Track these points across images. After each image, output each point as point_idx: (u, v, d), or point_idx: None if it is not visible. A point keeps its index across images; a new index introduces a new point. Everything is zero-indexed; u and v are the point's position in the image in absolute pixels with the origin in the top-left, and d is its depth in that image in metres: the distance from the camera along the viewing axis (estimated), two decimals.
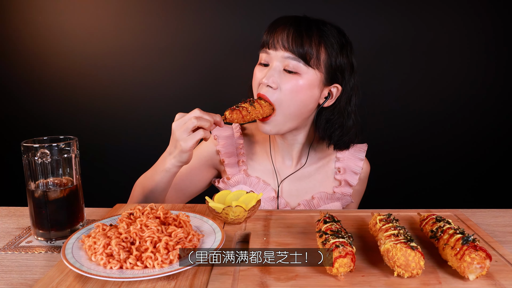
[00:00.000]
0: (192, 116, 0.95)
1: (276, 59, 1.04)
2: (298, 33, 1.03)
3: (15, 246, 0.82)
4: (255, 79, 1.09)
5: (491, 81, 2.11)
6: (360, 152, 1.22)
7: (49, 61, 2.17)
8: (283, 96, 1.04)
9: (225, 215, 0.87)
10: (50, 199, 0.82)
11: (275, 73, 1.04)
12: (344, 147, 1.17)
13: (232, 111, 1.01)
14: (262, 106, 1.03)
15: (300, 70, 1.03)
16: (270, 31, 1.06)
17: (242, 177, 1.17)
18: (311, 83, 1.04)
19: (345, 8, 2.04)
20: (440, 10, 2.04)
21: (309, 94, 1.05)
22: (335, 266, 0.65)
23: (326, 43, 1.04)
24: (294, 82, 1.03)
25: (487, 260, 0.65)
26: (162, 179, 1.04)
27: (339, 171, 1.20)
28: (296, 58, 1.02)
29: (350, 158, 1.22)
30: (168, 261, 0.68)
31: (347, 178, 1.19)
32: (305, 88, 1.04)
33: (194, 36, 2.12)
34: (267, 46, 1.06)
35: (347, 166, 1.21)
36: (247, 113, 1.01)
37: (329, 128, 1.13)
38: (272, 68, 1.04)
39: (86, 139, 1.84)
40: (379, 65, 2.09)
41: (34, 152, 0.81)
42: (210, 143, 1.24)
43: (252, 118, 1.03)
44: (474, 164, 2.19)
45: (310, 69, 1.03)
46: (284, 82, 1.03)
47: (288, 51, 1.02)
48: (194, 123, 0.94)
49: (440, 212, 0.95)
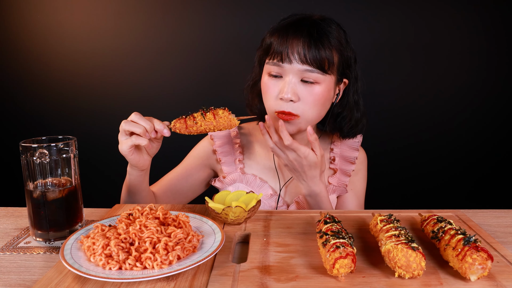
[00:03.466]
0: (123, 120, 0.93)
1: (291, 72, 1.02)
2: (313, 43, 1.00)
3: (13, 247, 0.82)
4: (270, 93, 1.06)
5: (493, 81, 2.10)
6: (355, 142, 1.24)
7: (48, 60, 2.17)
8: (306, 106, 1.03)
9: (225, 215, 0.87)
10: (49, 200, 0.82)
11: (293, 86, 1.02)
12: (352, 137, 1.20)
13: (178, 120, 0.93)
14: (218, 118, 0.93)
15: (318, 79, 1.03)
16: (280, 41, 1.02)
17: (238, 175, 1.18)
18: (329, 88, 1.05)
19: (344, 7, 2.04)
20: (441, 9, 2.04)
21: (327, 98, 1.07)
22: (336, 267, 0.65)
23: (336, 45, 1.04)
24: (314, 91, 1.03)
25: (488, 261, 0.65)
26: (130, 181, 1.06)
27: (333, 160, 1.21)
28: (314, 69, 1.01)
29: (345, 149, 1.24)
30: (167, 262, 0.68)
31: (342, 167, 1.20)
32: (324, 95, 1.04)
33: (194, 35, 2.11)
34: (280, 59, 1.02)
35: (341, 155, 1.22)
36: (193, 123, 0.92)
37: (340, 121, 1.16)
38: (289, 82, 1.02)
39: (85, 139, 1.83)
40: (379, 64, 2.09)
41: (32, 152, 0.81)
42: (206, 143, 1.24)
43: (200, 130, 0.93)
44: (475, 164, 2.19)
45: (327, 76, 1.03)
46: (305, 93, 1.03)
47: (305, 64, 1.01)
48: (123, 126, 0.93)
49: (441, 213, 0.94)
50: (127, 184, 1.08)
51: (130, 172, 1.04)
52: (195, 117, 0.92)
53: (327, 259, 0.67)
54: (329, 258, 0.66)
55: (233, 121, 0.94)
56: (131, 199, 1.10)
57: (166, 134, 0.93)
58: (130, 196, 1.09)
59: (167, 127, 0.94)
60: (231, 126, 0.94)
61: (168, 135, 0.94)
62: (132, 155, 0.96)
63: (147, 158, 1.01)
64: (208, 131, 0.94)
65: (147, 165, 1.03)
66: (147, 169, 1.06)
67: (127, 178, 1.06)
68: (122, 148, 0.95)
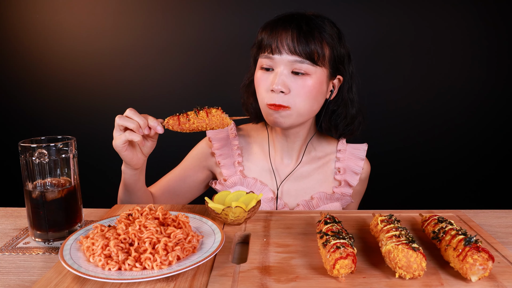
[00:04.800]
0: (118, 115, 0.94)
1: (281, 63, 1.03)
2: (302, 34, 1.02)
3: (12, 247, 0.81)
4: (261, 86, 1.07)
5: (494, 81, 2.10)
6: (360, 151, 1.22)
7: (47, 60, 2.17)
8: (296, 97, 1.03)
9: (225, 215, 0.86)
10: (48, 200, 0.82)
11: (284, 78, 1.03)
12: (349, 135, 1.20)
13: (171, 117, 0.94)
14: (211, 116, 0.94)
15: (309, 71, 1.03)
16: (270, 34, 1.04)
17: (239, 178, 1.17)
18: (320, 81, 1.05)
19: (343, 5, 2.04)
20: (441, 8, 2.04)
21: (319, 91, 1.06)
22: (336, 267, 0.65)
23: (327, 38, 1.05)
24: (305, 83, 1.03)
25: (489, 261, 0.64)
26: (125, 180, 1.06)
27: (339, 171, 1.20)
28: (304, 60, 1.02)
29: (351, 158, 1.21)
30: (167, 263, 0.68)
31: (347, 179, 1.19)
32: (316, 87, 1.05)
33: (193, 35, 2.11)
34: (270, 51, 1.04)
35: (347, 166, 1.20)
36: (186, 120, 0.93)
37: (334, 119, 1.16)
38: (280, 73, 1.03)
39: (84, 139, 1.82)
40: (379, 64, 2.09)
41: (31, 152, 0.80)
42: (204, 145, 1.24)
43: (193, 128, 0.94)
44: (476, 165, 2.19)
45: (318, 68, 1.04)
46: (295, 85, 1.03)
47: (295, 55, 1.01)
48: (117, 121, 0.93)
49: (442, 213, 0.94)
50: (122, 183, 1.08)
51: (124, 170, 1.04)
52: (188, 115, 0.93)
53: (327, 259, 0.66)
54: (330, 259, 0.66)
55: (225, 120, 0.95)
56: (128, 199, 1.10)
57: (159, 131, 0.94)
58: (126, 196, 1.09)
59: (161, 124, 0.94)
60: (224, 125, 0.95)
61: (161, 132, 0.94)
62: (126, 151, 0.97)
63: (140, 157, 1.01)
64: (201, 129, 0.94)
65: (141, 164, 1.02)
66: (142, 169, 1.06)
67: (122, 177, 1.06)
68: (116, 143, 0.95)
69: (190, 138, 1.24)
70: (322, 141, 1.24)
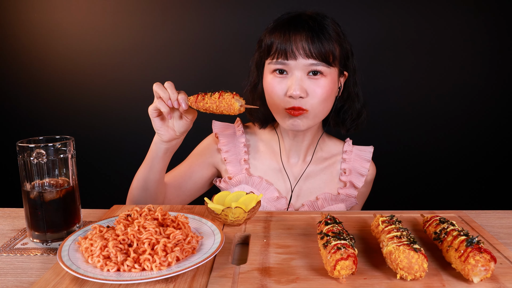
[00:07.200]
0: (156, 83, 0.97)
1: (297, 68, 1.03)
2: (315, 37, 1.01)
3: (10, 248, 0.81)
4: (275, 91, 1.05)
5: (497, 81, 2.09)
6: (366, 153, 1.22)
7: (45, 59, 2.16)
8: (314, 100, 1.04)
9: (225, 216, 0.86)
10: (46, 200, 0.81)
11: (301, 82, 1.03)
12: (355, 130, 1.20)
13: (194, 95, 0.95)
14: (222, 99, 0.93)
15: (324, 72, 1.03)
16: (282, 38, 1.03)
17: (244, 176, 1.16)
18: (334, 80, 1.07)
19: (344, 4, 2.03)
20: (443, 7, 2.03)
21: (333, 91, 1.08)
22: (337, 268, 0.64)
23: (335, 37, 1.05)
24: (321, 85, 1.03)
25: (491, 262, 0.64)
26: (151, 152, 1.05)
27: (344, 172, 1.19)
28: (319, 63, 1.02)
29: (357, 159, 1.21)
30: (166, 264, 0.67)
31: (352, 180, 1.19)
32: (330, 87, 1.05)
33: (193, 34, 2.10)
34: (285, 57, 1.02)
35: (353, 167, 1.20)
36: (201, 99, 0.93)
37: (342, 115, 1.17)
38: (296, 77, 1.03)
39: (83, 139, 1.82)
40: (381, 63, 2.08)
41: (29, 152, 0.80)
42: (210, 141, 1.23)
43: (205, 108, 0.94)
44: (478, 165, 2.18)
45: (331, 68, 1.05)
46: (313, 87, 1.03)
47: (311, 58, 1.01)
48: (154, 88, 0.96)
49: (443, 214, 0.94)
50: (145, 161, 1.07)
51: (154, 141, 1.04)
52: (206, 94, 0.95)
53: (328, 260, 0.66)
54: (330, 260, 0.65)
55: (233, 105, 0.93)
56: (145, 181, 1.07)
57: (183, 106, 0.95)
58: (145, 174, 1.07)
59: (186, 102, 0.95)
60: (230, 110, 0.93)
61: (185, 107, 0.95)
62: (155, 118, 0.99)
63: (171, 131, 1.00)
64: (211, 110, 0.94)
65: (169, 137, 1.01)
66: (170, 148, 1.04)
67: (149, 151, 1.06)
68: (149, 108, 0.98)
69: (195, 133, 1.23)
70: (328, 142, 1.24)
